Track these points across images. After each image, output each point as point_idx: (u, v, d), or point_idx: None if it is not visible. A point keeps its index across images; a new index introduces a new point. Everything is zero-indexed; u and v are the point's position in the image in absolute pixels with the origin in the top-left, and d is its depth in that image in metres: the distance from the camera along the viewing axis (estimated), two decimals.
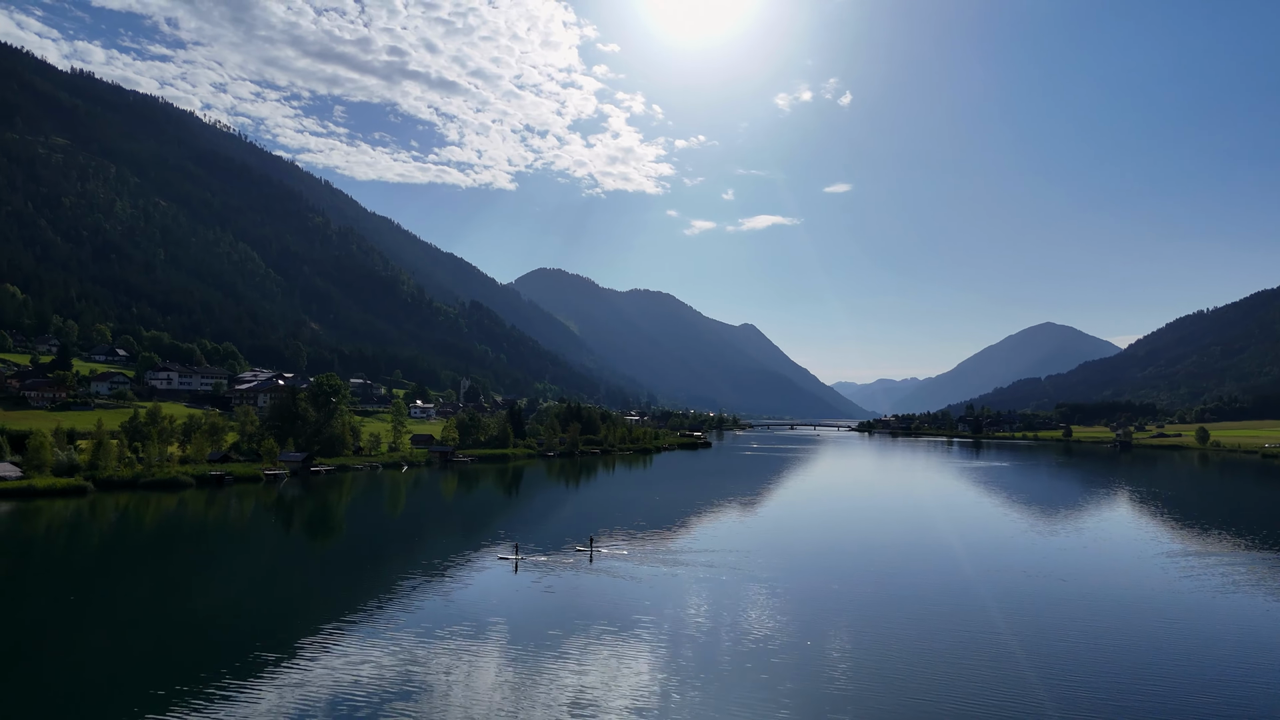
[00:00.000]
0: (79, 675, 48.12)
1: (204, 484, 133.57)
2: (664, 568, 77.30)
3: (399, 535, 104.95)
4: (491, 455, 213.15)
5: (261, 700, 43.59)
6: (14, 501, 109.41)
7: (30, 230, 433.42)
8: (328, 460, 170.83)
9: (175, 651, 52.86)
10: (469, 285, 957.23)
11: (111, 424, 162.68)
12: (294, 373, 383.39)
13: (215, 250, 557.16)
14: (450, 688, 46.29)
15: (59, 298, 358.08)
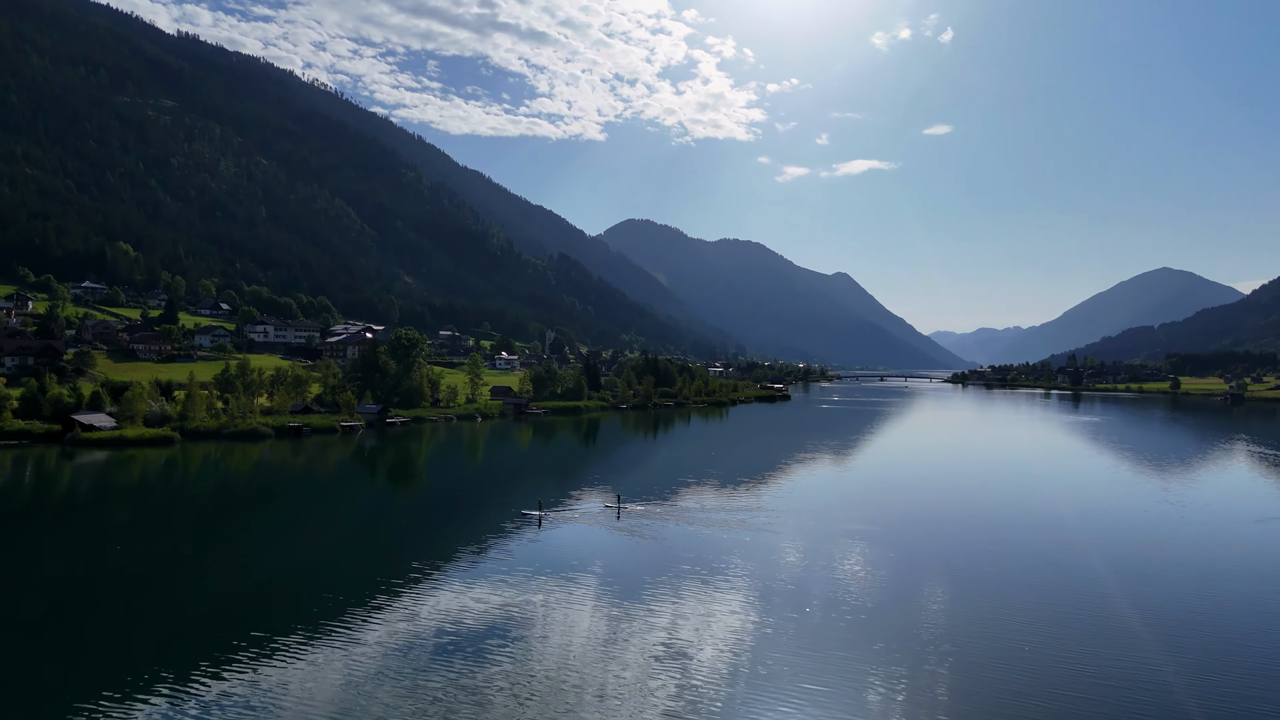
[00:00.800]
0: (177, 615, 51.75)
1: (283, 435, 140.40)
2: (691, 526, 76.96)
3: (475, 484, 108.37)
4: (565, 408, 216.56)
5: (365, 642, 46.39)
6: (108, 450, 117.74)
7: (142, 190, 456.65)
8: (404, 412, 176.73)
9: (269, 597, 56.28)
10: (557, 238, 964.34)
11: (207, 376, 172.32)
12: (385, 325, 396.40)
13: (313, 206, 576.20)
14: (543, 634, 48.35)
15: (168, 254, 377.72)
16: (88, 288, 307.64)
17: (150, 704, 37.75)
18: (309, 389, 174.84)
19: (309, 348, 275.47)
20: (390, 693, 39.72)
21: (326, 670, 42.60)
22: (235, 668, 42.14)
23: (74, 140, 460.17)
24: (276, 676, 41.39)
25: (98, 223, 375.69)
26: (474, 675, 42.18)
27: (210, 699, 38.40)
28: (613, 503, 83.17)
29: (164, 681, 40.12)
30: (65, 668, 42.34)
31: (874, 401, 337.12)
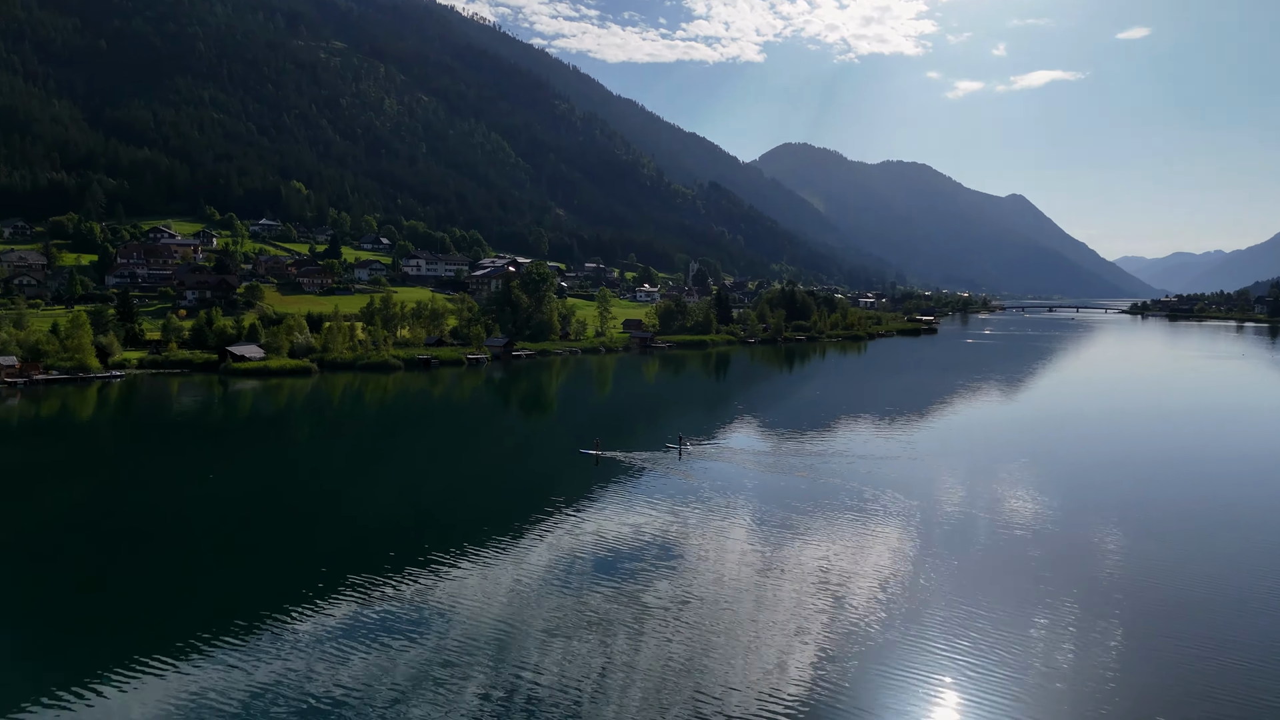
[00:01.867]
0: (334, 534, 57.55)
1: (413, 367, 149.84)
2: (756, 470, 76.23)
3: (599, 414, 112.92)
4: (690, 341, 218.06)
5: (526, 561, 51.16)
6: (256, 380, 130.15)
7: (314, 130, 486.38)
8: (530, 345, 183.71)
9: (421, 520, 61.87)
10: (709, 165, 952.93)
11: (357, 308, 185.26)
12: (535, 258, 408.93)
13: (470, 141, 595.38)
14: (699, 558, 51.61)
15: (336, 191, 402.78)
16: (264, 224, 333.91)
17: (323, 615, 42.54)
18: (445, 322, 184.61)
19: (457, 280, 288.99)
20: (553, 608, 44.06)
21: (494, 583, 47.24)
22: (409, 583, 47.05)
23: (255, 84, 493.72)
24: (448, 589, 46.31)
25: (275, 163, 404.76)
26: (628, 596, 45.64)
27: (388, 612, 43.33)
28: (674, 443, 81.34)
29: (329, 597, 44.77)
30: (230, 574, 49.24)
31: (1033, 335, 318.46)
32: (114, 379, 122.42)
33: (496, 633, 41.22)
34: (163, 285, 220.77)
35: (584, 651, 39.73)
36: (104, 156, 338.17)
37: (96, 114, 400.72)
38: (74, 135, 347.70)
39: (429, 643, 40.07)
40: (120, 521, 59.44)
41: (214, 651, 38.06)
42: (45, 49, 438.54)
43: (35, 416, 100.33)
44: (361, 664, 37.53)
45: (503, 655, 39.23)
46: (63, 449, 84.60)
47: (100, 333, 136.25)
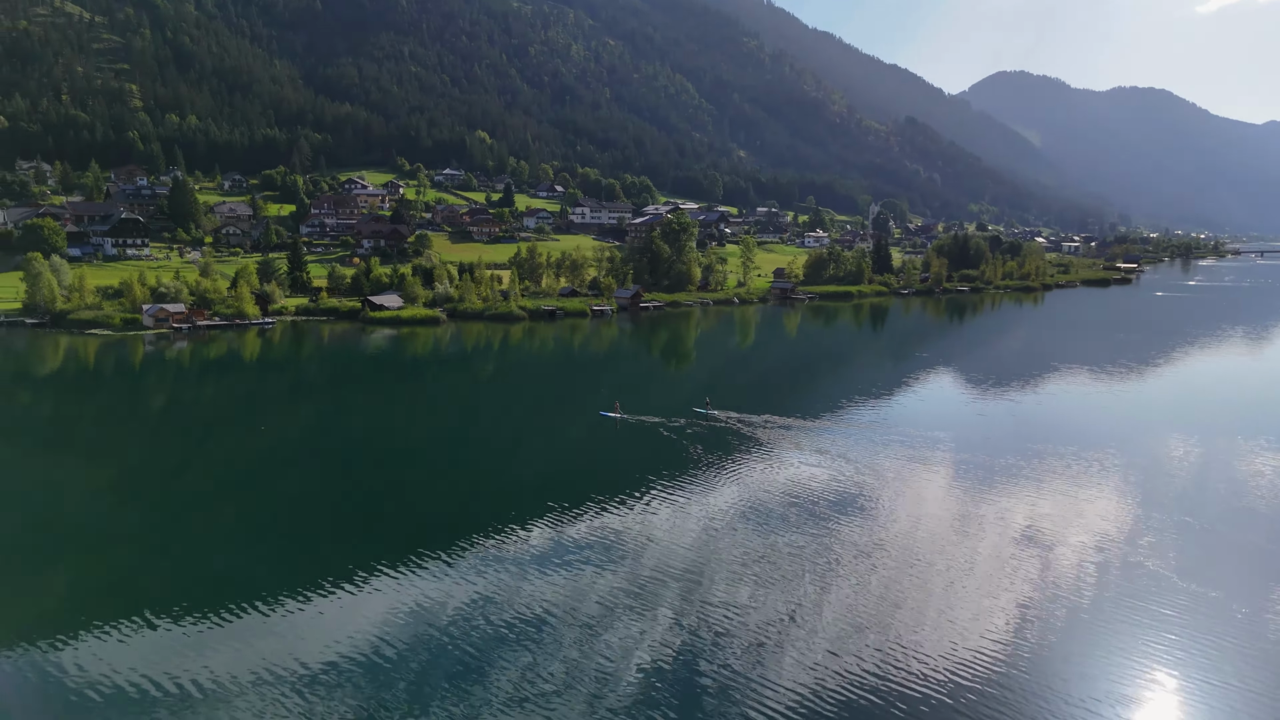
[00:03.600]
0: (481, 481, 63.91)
1: (537, 317, 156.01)
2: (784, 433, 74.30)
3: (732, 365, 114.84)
4: (835, 293, 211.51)
5: (714, 503, 55.77)
6: (389, 328, 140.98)
7: (503, 80, 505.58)
8: (661, 296, 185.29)
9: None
10: (910, 99, 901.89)
11: (506, 257, 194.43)
12: (708, 202, 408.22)
13: (653, 84, 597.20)
14: (892, 512, 54.19)
15: (517, 140, 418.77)
16: (448, 174, 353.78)
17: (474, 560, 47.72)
18: (585, 272, 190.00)
19: (618, 228, 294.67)
20: (739, 550, 47.54)
21: (679, 524, 51.75)
22: (607, 517, 52.73)
23: (450, 37, 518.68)
24: (615, 526, 51.17)
25: (463, 113, 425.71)
26: (816, 544, 48.85)
27: (588, 541, 49.01)
28: (702, 407, 79.33)
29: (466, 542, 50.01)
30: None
31: (1251, 288, 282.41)
32: (267, 325, 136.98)
33: (685, 569, 44.59)
34: (345, 234, 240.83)
35: (771, 595, 41.69)
36: (311, 112, 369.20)
37: (311, 72, 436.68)
38: (288, 94, 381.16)
39: (622, 570, 44.64)
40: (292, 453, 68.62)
41: (441, 563, 45.97)
42: (270, 12, 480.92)
43: (172, 359, 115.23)
44: (568, 587, 42.70)
45: (690, 592, 42.12)
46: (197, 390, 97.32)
47: (267, 281, 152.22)
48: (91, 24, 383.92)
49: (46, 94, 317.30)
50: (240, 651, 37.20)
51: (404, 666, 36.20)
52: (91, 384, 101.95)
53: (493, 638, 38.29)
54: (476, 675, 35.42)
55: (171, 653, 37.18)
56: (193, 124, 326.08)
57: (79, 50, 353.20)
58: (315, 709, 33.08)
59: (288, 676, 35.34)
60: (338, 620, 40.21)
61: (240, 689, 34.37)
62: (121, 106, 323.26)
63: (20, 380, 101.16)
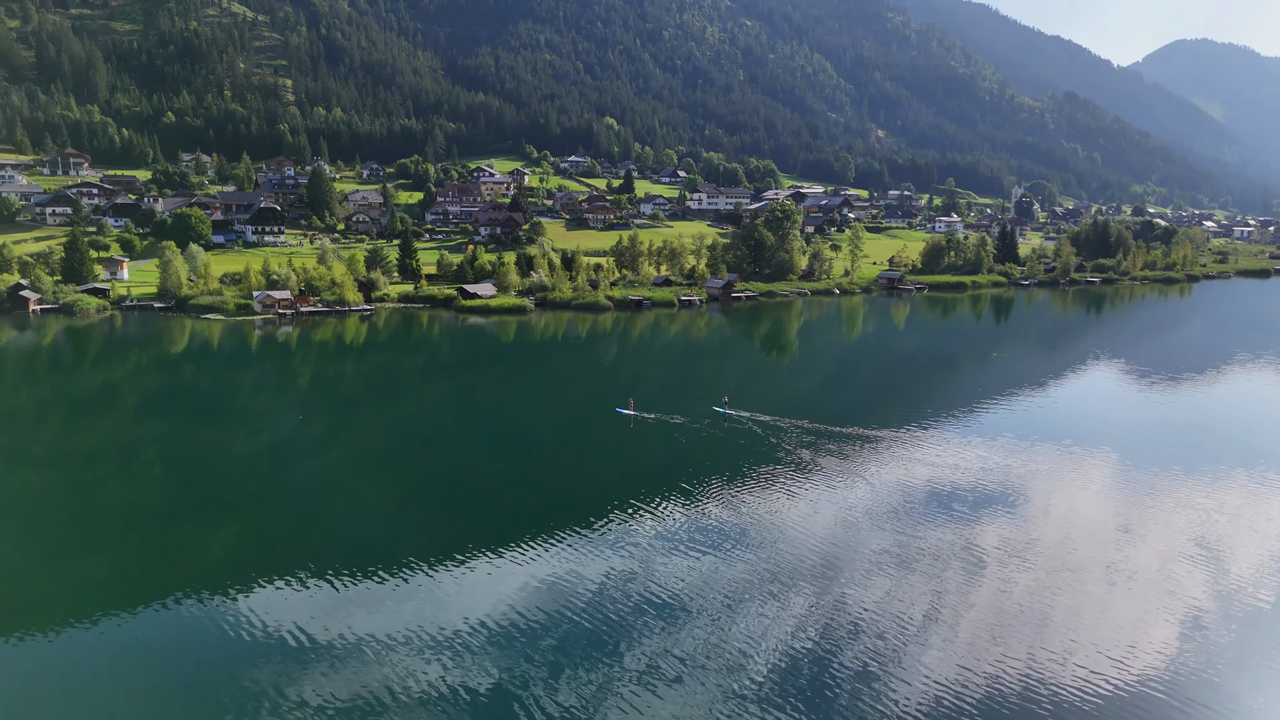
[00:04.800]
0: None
1: (623, 307, 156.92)
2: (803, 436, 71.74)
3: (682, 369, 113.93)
4: (948, 283, 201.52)
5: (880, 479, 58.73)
6: (479, 316, 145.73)
7: (635, 65, 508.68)
8: (760, 285, 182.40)
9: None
10: (1073, 72, 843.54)
11: (608, 243, 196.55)
12: (838, 185, 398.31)
13: (790, 65, 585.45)
14: (1044, 509, 54.81)
15: (645, 126, 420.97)
16: (573, 161, 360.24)
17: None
18: (683, 260, 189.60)
19: (735, 214, 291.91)
20: (880, 542, 48.59)
21: (812, 513, 53.52)
22: (737, 502, 55.41)
23: (585, 24, 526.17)
24: (771, 511, 53.46)
25: (593, 100, 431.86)
26: (962, 537, 49.61)
27: (716, 526, 51.40)
28: (721, 406, 78.00)
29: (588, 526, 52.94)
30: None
31: None
32: (366, 312, 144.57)
33: (821, 557, 45.81)
34: (465, 222, 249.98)
35: (911, 590, 41.93)
36: (447, 102, 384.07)
37: (452, 63, 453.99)
38: (427, 84, 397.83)
39: (757, 558, 46.21)
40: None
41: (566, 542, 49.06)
42: (416, 6, 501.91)
43: (281, 341, 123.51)
44: (700, 571, 44.63)
45: (827, 583, 42.95)
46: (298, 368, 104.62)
47: (373, 269, 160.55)
48: (254, 23, 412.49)
49: (211, 90, 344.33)
50: (383, 613, 40.40)
51: (539, 638, 37.99)
52: (218, 362, 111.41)
53: (625, 616, 39.72)
54: (608, 651, 36.78)
55: (321, 610, 40.80)
56: (337, 116, 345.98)
57: (241, 48, 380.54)
58: (453, 672, 35.32)
59: (428, 640, 37.87)
60: (475, 590, 43.04)
61: (383, 648, 37.17)
62: (275, 101, 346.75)
63: (161, 359, 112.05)
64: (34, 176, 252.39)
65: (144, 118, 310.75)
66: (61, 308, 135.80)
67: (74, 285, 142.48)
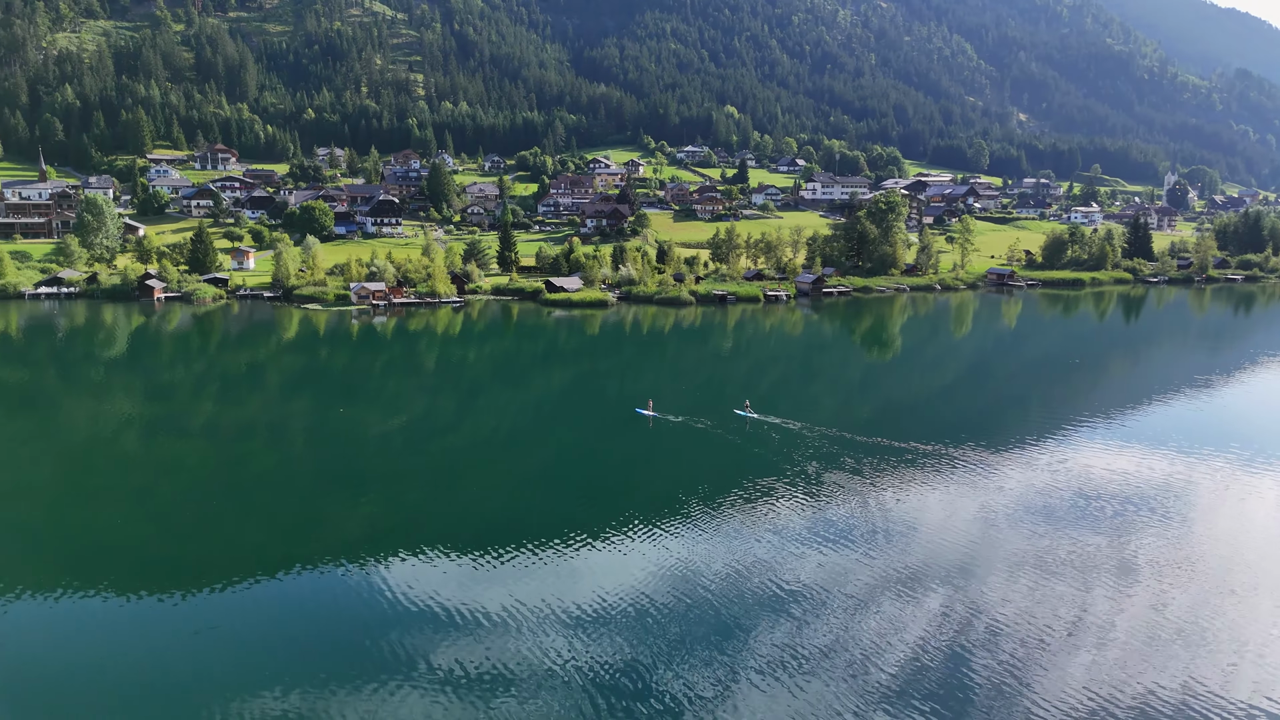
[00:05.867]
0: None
1: (705, 302, 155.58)
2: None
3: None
4: (1065, 280, 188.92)
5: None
6: (562, 309, 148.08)
7: (762, 51, 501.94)
8: (856, 280, 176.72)
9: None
10: (1247, 47, 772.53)
11: (706, 235, 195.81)
12: (970, 173, 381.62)
13: (926, 48, 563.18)
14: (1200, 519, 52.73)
15: (766, 114, 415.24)
16: (690, 151, 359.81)
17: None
18: (780, 253, 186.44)
19: (850, 205, 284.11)
20: (1021, 544, 47.73)
21: (952, 510, 53.48)
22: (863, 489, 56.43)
23: (712, 12, 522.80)
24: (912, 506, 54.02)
25: (715, 88, 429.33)
26: (1108, 544, 47.94)
27: (842, 520, 51.85)
28: (743, 409, 75.25)
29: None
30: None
31: None
32: (456, 304, 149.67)
33: (958, 559, 45.65)
34: (574, 214, 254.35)
35: (1054, 597, 40.84)
36: (569, 94, 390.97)
37: (578, 55, 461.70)
38: (551, 77, 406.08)
39: (884, 554, 46.34)
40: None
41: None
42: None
43: (380, 330, 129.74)
44: (828, 565, 44.83)
45: (964, 581, 42.70)
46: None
47: (468, 261, 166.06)
48: (393, 21, 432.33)
49: (349, 87, 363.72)
50: (511, 588, 42.60)
51: (664, 623, 38.99)
52: (329, 347, 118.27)
53: (751, 606, 40.41)
54: (734, 641, 37.42)
55: (453, 582, 43.48)
56: (463, 110, 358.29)
57: (379, 46, 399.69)
58: (578, 649, 36.88)
59: (554, 617, 39.72)
60: (603, 570, 44.55)
61: (512, 622, 39.26)
62: (405, 96, 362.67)
63: (277, 344, 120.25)
64: (186, 171, 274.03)
65: (286, 114, 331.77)
66: (183, 296, 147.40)
67: (197, 275, 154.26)
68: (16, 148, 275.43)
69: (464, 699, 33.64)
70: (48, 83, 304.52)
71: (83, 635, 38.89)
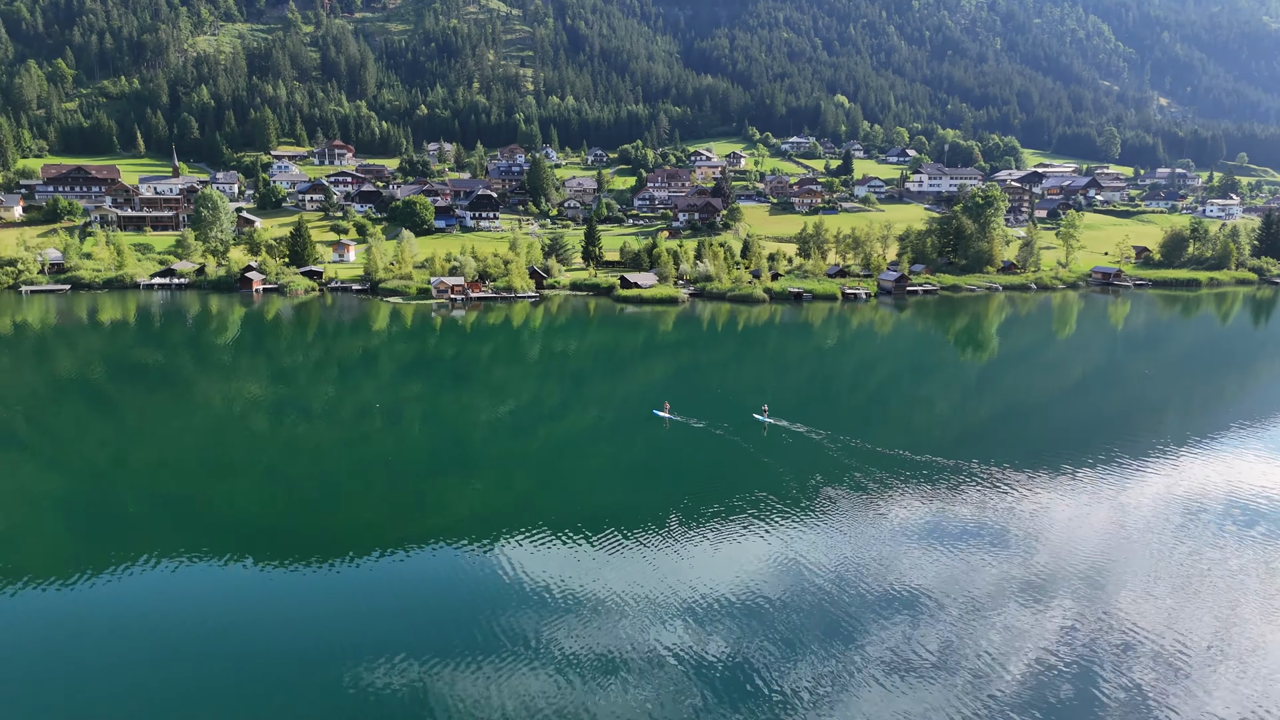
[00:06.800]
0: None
1: (780, 300, 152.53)
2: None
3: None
4: (1178, 280, 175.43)
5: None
6: (633, 305, 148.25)
7: (878, 38, 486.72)
8: (948, 278, 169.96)
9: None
10: None
11: (791, 230, 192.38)
12: (1098, 163, 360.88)
13: (1058, 30, 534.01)
14: None
15: (878, 102, 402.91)
16: (794, 142, 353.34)
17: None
18: (868, 248, 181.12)
19: (955, 197, 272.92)
20: (1153, 556, 47.04)
21: (1081, 520, 52.59)
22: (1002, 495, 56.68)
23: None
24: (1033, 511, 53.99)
25: (826, 77, 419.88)
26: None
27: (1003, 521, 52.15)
28: (759, 414, 73.42)
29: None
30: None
31: None
32: (532, 299, 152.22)
33: (1089, 567, 45.20)
34: (667, 208, 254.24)
35: (1195, 612, 39.66)
36: (675, 87, 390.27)
37: (689, 46, 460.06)
38: (658, 69, 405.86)
39: (1010, 557, 46.50)
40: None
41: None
42: None
43: (460, 323, 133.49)
44: (949, 566, 45.34)
45: (1097, 590, 42.20)
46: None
47: (549, 257, 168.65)
48: (508, 18, 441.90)
49: (462, 84, 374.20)
50: (623, 574, 44.68)
51: (778, 615, 40.23)
52: (419, 338, 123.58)
53: (864, 606, 40.98)
54: (845, 640, 38.12)
55: (562, 566, 45.95)
56: (569, 104, 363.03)
57: (491, 42, 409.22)
58: (690, 637, 38.31)
59: (666, 605, 41.37)
60: (715, 561, 46.17)
61: (624, 607, 41.19)
62: (514, 91, 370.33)
63: (373, 334, 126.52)
64: (305, 166, 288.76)
65: (401, 111, 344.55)
66: (278, 288, 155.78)
67: (294, 268, 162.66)
68: (157, 145, 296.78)
69: (572, 679, 34.80)
70: (186, 84, 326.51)
71: (218, 597, 43.26)
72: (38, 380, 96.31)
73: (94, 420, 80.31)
